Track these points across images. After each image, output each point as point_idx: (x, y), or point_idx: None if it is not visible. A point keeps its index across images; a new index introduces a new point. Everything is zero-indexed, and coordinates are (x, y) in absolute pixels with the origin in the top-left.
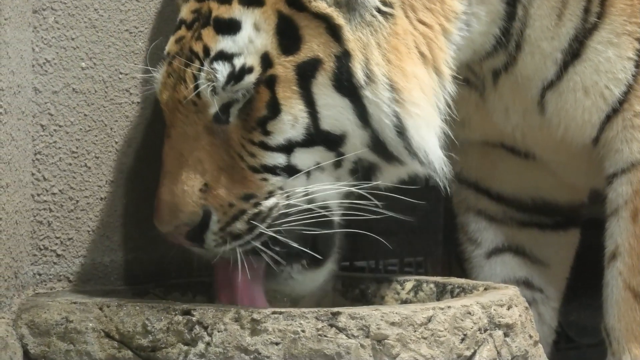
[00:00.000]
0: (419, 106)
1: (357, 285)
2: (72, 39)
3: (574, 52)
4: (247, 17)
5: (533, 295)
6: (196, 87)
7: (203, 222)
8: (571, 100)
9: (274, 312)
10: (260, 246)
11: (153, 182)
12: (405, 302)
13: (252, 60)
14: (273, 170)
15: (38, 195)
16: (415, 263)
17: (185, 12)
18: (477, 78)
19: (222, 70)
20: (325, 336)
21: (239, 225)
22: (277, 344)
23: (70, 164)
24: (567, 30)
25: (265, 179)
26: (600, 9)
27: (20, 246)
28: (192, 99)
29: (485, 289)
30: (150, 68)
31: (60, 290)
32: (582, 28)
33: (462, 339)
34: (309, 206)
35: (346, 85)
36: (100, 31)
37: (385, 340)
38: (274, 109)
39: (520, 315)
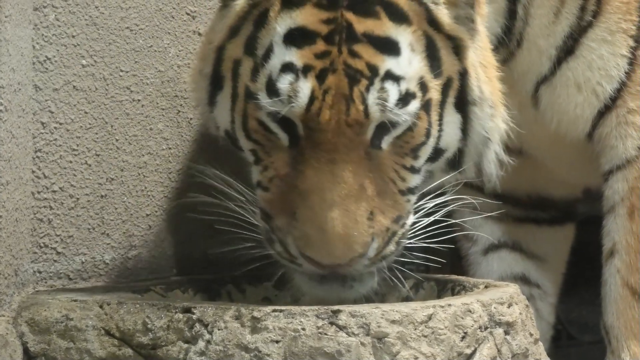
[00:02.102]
0: (502, 120)
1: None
2: (73, 37)
3: (568, 49)
4: (402, 37)
5: (530, 291)
6: (365, 106)
7: None
8: (564, 95)
9: (274, 310)
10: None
11: (152, 180)
12: (405, 300)
13: (414, 85)
14: (413, 190)
15: (38, 192)
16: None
17: (310, 21)
18: None
19: (392, 90)
20: (325, 334)
21: (391, 247)
22: (277, 342)
23: (70, 162)
24: (563, 27)
25: (409, 200)
26: (596, 7)
27: (21, 244)
28: (361, 120)
29: (486, 287)
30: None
31: (60, 288)
32: (577, 26)
33: (463, 337)
34: (431, 219)
35: (463, 102)
36: (101, 29)
37: (386, 339)
38: (428, 133)
39: (520, 313)
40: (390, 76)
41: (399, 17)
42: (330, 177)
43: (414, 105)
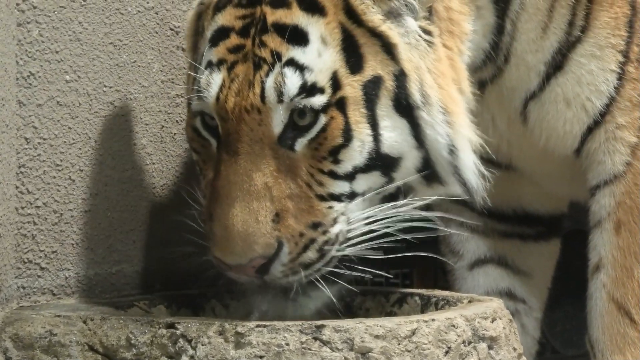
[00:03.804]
0: (464, 128)
1: (341, 297)
2: (57, 52)
3: (557, 64)
4: (313, 28)
5: (516, 306)
6: (262, 89)
7: (275, 253)
8: (553, 111)
9: (257, 326)
10: (333, 269)
11: (136, 195)
12: (389, 314)
13: (323, 79)
14: (338, 197)
15: (22, 208)
16: (402, 275)
17: (227, 19)
18: None
19: (292, 77)
20: (309, 349)
21: (311, 255)
22: (261, 357)
23: (54, 177)
24: (551, 43)
25: (331, 207)
26: (584, 22)
27: (4, 259)
28: (257, 105)
29: (470, 302)
30: (196, 75)
31: (44, 304)
32: (566, 41)
33: (446, 352)
34: (369, 228)
35: (404, 105)
36: (84, 44)
37: (370, 354)
38: (347, 135)
39: (504, 328)
40: (293, 63)
41: (311, 6)
42: (235, 170)
43: (320, 99)
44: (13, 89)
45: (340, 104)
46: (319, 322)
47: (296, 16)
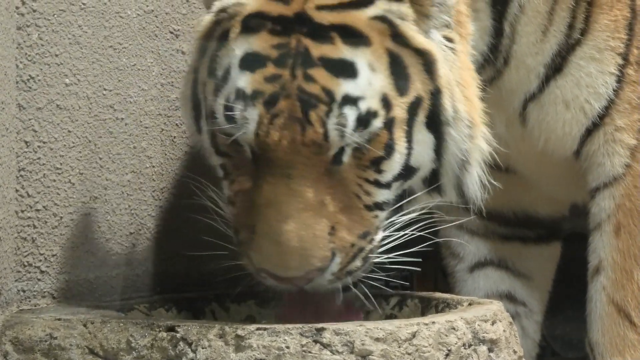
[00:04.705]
0: (481, 140)
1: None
2: (56, 56)
3: (557, 66)
4: (360, 58)
5: (516, 309)
6: (325, 130)
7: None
8: (552, 113)
9: (258, 329)
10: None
11: (136, 198)
12: (389, 317)
13: (375, 104)
14: (381, 206)
15: (22, 211)
16: (401, 277)
17: (262, 47)
18: None
19: (351, 115)
20: (309, 352)
21: (357, 263)
22: None
23: (54, 180)
24: (551, 45)
25: (376, 216)
26: (584, 25)
27: (4, 263)
28: (320, 142)
29: (470, 304)
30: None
31: (44, 307)
32: (566, 44)
33: (447, 355)
34: (402, 233)
35: (435, 121)
36: (84, 47)
37: (370, 356)
38: (390, 149)
39: (504, 331)
40: (348, 100)
41: (355, 41)
42: (286, 191)
43: (376, 124)
44: (13, 92)
45: (388, 123)
46: (319, 325)
47: (341, 50)
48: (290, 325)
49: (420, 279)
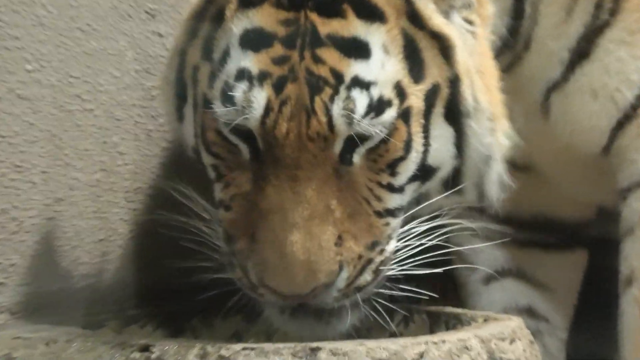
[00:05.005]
0: (502, 134)
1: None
2: (17, 39)
3: (583, 51)
4: (374, 38)
5: (537, 325)
6: (329, 118)
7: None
8: (577, 103)
9: (244, 349)
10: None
11: (106, 200)
12: (394, 335)
13: (389, 91)
14: (393, 212)
15: None
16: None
17: (267, 22)
18: None
19: (361, 100)
20: None
21: (367, 277)
22: None
23: (13, 180)
24: (577, 27)
25: (387, 224)
26: (613, 4)
27: None
28: (324, 134)
29: (485, 320)
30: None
31: (1, 324)
32: (593, 25)
33: None
34: (418, 242)
35: (454, 113)
36: (48, 30)
37: None
38: (408, 147)
39: (524, 350)
40: (358, 82)
41: (371, 14)
42: (291, 196)
43: (390, 114)
44: None
45: (405, 115)
46: (314, 344)
47: (354, 26)
48: (281, 345)
49: (428, 290)
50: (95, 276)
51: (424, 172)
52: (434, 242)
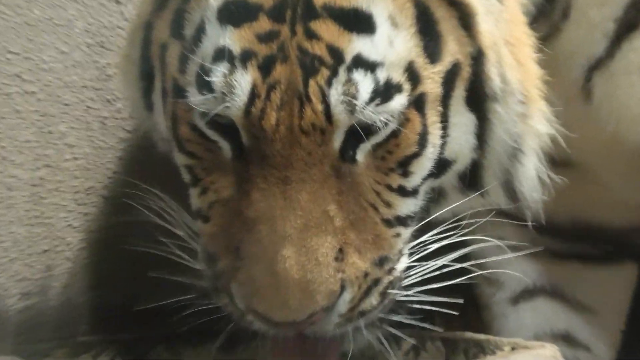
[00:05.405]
0: (539, 120)
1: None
2: None
3: (631, 22)
4: (378, 7)
5: (576, 354)
6: (326, 106)
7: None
8: (625, 85)
9: None
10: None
11: (52, 202)
12: None
13: (398, 74)
14: (405, 221)
15: None
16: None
17: None
18: None
19: (364, 83)
20: None
21: (373, 300)
22: None
23: None
24: None
25: (398, 234)
26: None
27: None
28: (321, 125)
29: (513, 349)
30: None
31: None
32: None
33: None
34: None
35: (478, 96)
36: None
37: None
38: (423, 140)
39: None
40: (361, 62)
41: None
42: (282, 202)
43: (399, 100)
44: None
45: (418, 102)
46: None
47: None
48: None
49: (444, 313)
50: (39, 295)
51: (439, 166)
52: (452, 265)
